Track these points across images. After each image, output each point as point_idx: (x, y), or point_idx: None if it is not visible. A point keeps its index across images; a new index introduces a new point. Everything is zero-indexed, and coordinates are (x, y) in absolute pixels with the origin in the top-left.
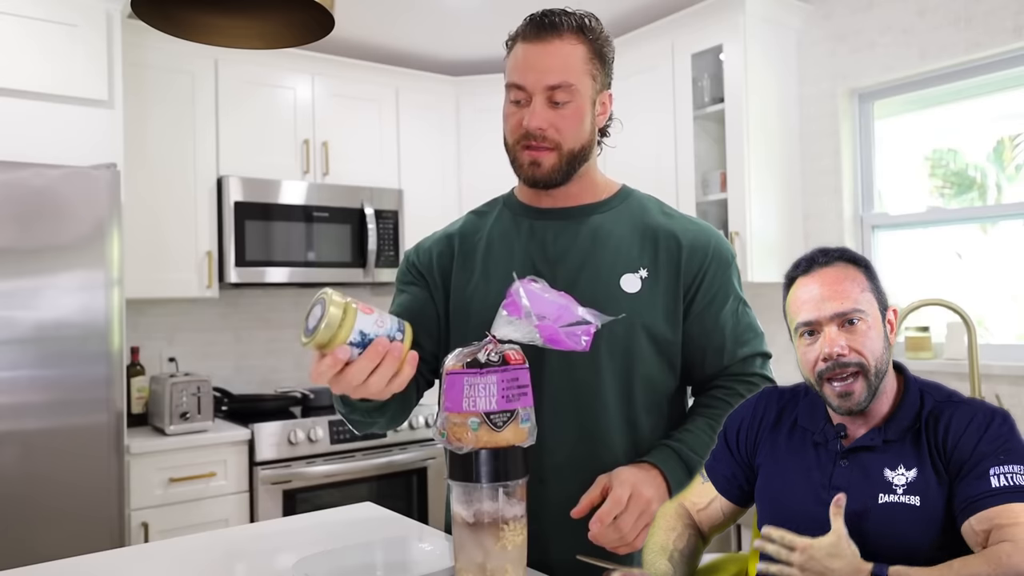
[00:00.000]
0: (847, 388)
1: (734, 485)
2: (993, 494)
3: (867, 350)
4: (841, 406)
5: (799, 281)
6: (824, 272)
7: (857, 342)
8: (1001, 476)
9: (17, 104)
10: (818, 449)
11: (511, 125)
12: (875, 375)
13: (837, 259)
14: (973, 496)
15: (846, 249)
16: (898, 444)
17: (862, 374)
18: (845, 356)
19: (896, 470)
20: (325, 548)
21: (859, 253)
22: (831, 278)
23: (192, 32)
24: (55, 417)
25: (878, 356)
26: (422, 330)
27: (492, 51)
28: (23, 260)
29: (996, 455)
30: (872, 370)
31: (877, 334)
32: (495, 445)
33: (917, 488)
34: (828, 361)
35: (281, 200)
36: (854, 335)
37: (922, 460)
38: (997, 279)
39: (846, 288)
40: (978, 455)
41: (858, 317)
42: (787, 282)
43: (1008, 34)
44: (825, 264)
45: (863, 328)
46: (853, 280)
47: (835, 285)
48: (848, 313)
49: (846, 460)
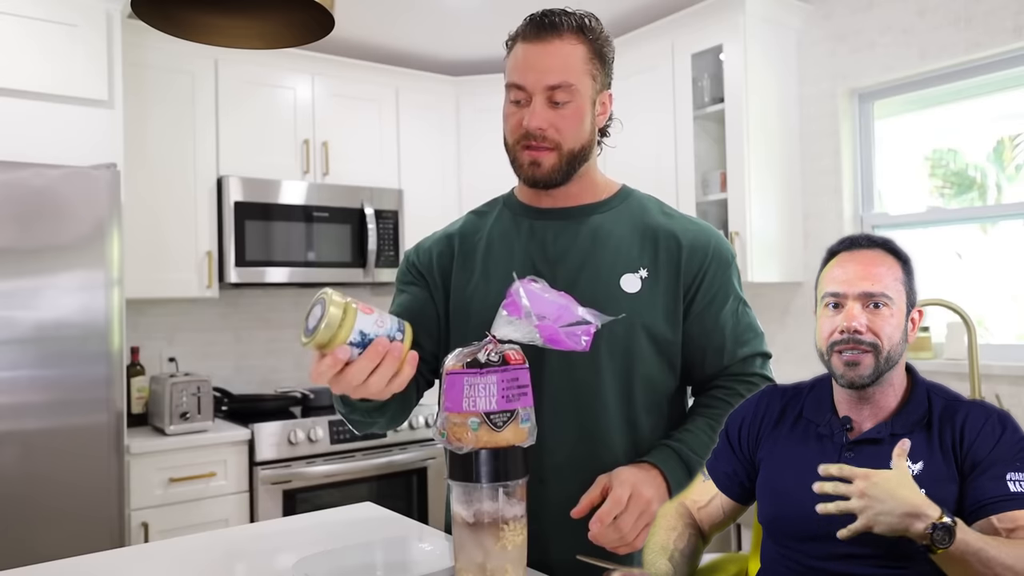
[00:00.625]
0: (855, 358)
1: (735, 482)
2: (1012, 498)
3: (884, 334)
4: (845, 375)
5: (839, 257)
6: (864, 253)
7: (877, 324)
8: (1019, 483)
9: (17, 104)
10: (823, 441)
11: (511, 125)
12: (886, 359)
13: (880, 246)
14: (993, 496)
15: (891, 240)
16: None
17: (873, 353)
18: (862, 334)
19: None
20: (325, 548)
21: (903, 248)
22: (868, 260)
23: (192, 32)
24: (55, 417)
25: (894, 343)
26: (422, 330)
27: (492, 51)
28: (23, 260)
29: (1013, 461)
30: (884, 353)
31: (898, 323)
32: (495, 445)
33: (923, 481)
34: (844, 334)
35: (281, 200)
36: (876, 317)
37: (931, 454)
38: (997, 279)
39: (880, 272)
40: (994, 457)
41: (884, 302)
42: (827, 256)
43: (1008, 34)
44: (868, 247)
45: (886, 314)
46: (889, 268)
47: (870, 267)
48: (876, 296)
49: (852, 452)
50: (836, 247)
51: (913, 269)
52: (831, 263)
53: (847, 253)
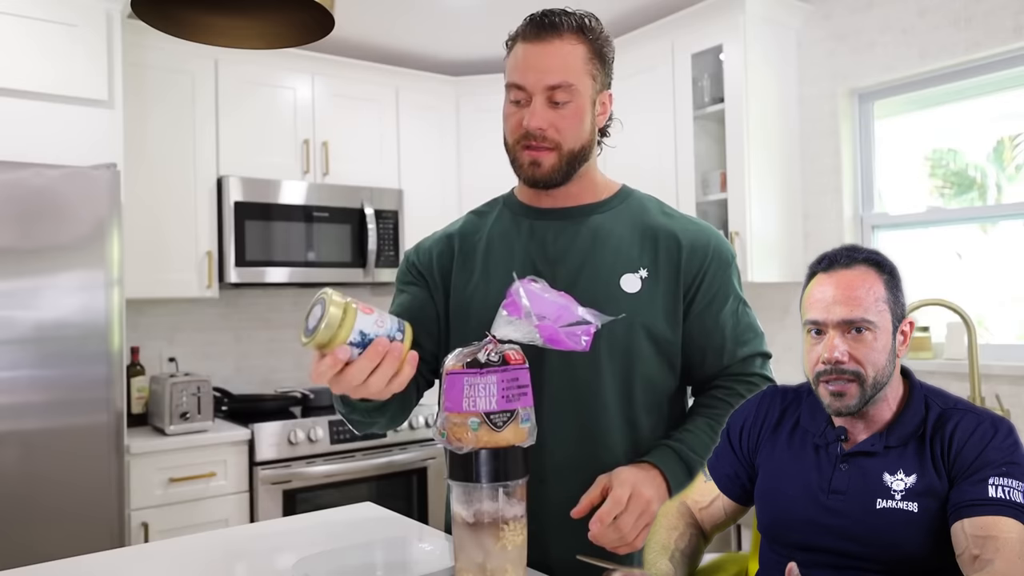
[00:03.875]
0: (840, 389)
1: (736, 484)
2: (989, 503)
3: (868, 362)
4: (831, 405)
5: (817, 277)
6: (843, 274)
7: (860, 352)
8: (1000, 487)
9: (17, 104)
10: (818, 452)
11: (511, 125)
12: (872, 386)
13: (862, 261)
14: (969, 500)
15: (876, 252)
16: (899, 450)
17: (858, 382)
18: (844, 363)
19: (896, 475)
20: (325, 548)
21: (888, 259)
22: (847, 282)
23: (192, 32)
24: (55, 417)
25: (879, 368)
26: (422, 330)
27: (492, 51)
28: (23, 260)
29: (999, 466)
30: (869, 381)
31: (883, 346)
32: (495, 445)
33: (915, 494)
34: (827, 364)
35: (281, 200)
36: (858, 345)
37: (923, 466)
38: (997, 279)
39: (860, 296)
40: (981, 461)
41: (865, 327)
42: (808, 275)
43: (1008, 34)
44: (847, 265)
45: (869, 339)
46: (870, 288)
47: (849, 291)
48: (856, 322)
49: (846, 463)
50: (815, 266)
51: (900, 280)
52: (811, 283)
53: (824, 275)
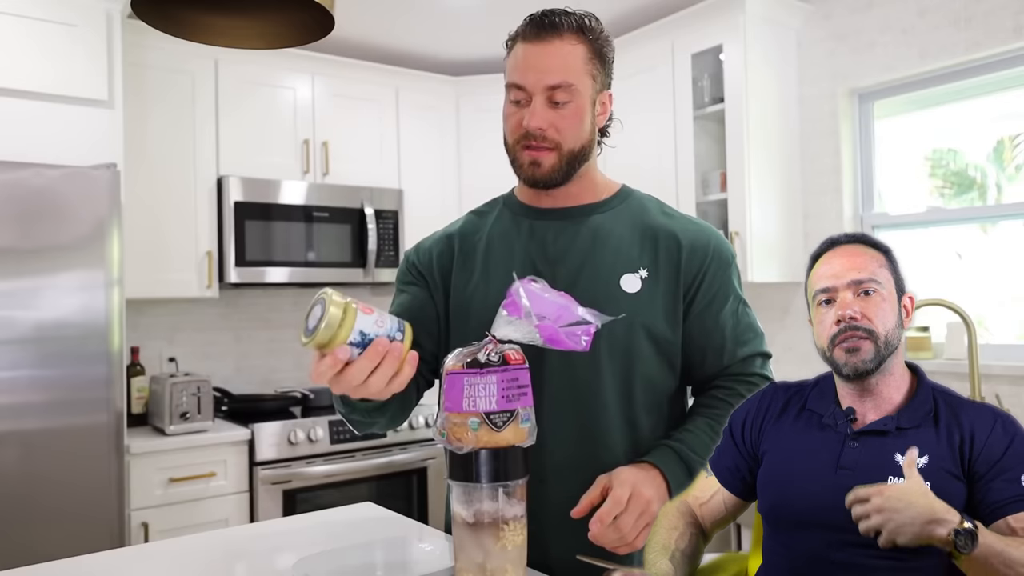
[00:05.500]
0: (855, 345)
1: (737, 477)
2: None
3: (878, 320)
4: (848, 362)
5: (823, 258)
6: (846, 248)
7: (870, 310)
8: None
9: (17, 104)
10: (826, 431)
11: (511, 125)
12: (884, 344)
13: (859, 241)
14: (1010, 497)
15: (867, 235)
16: (911, 431)
17: (871, 339)
18: (857, 320)
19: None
20: (325, 548)
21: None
22: (851, 252)
23: (192, 32)
24: (55, 417)
25: (888, 329)
26: (422, 330)
27: (492, 51)
28: (23, 260)
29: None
30: (882, 338)
31: (891, 307)
32: (495, 445)
33: (928, 475)
34: (841, 323)
35: (281, 200)
36: (868, 303)
37: (937, 448)
38: (997, 279)
39: (864, 261)
40: (1008, 460)
41: (873, 288)
42: (811, 261)
43: (1008, 34)
44: (847, 243)
45: (877, 299)
46: (872, 257)
47: (854, 258)
48: (864, 282)
49: (855, 442)
50: (818, 250)
51: (896, 259)
52: (817, 264)
53: (830, 252)
